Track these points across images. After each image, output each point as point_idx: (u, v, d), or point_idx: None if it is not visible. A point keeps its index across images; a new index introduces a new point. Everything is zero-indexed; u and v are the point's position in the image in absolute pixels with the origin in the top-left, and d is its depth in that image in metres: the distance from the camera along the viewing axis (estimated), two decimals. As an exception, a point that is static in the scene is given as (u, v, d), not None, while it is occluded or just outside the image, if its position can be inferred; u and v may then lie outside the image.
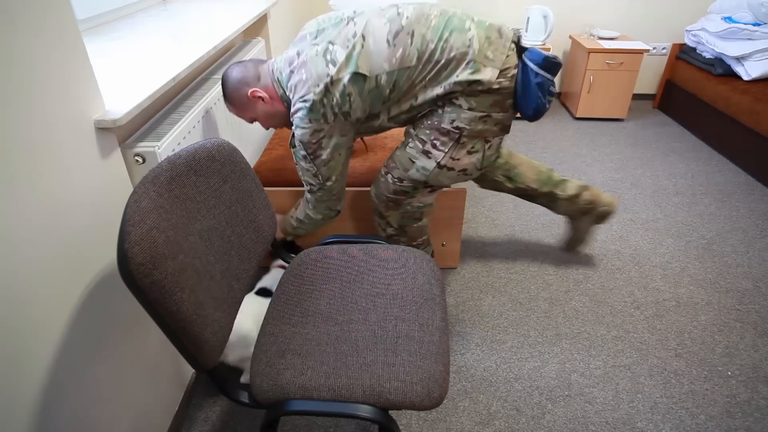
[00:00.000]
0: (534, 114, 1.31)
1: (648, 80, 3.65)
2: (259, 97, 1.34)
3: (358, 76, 1.21)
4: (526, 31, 3.10)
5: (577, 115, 3.31)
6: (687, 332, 1.64)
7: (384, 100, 1.28)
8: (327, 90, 1.21)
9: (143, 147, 1.12)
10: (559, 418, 1.36)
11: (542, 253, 2.02)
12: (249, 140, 1.93)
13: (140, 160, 1.12)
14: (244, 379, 1.39)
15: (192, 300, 0.79)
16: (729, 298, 1.78)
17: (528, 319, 1.69)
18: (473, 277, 1.89)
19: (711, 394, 1.43)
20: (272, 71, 1.34)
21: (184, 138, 1.29)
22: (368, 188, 1.70)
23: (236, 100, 1.38)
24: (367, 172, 1.76)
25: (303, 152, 1.31)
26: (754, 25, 2.78)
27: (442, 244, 1.84)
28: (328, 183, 1.37)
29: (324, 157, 1.31)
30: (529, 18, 3.06)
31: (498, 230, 2.16)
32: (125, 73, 1.20)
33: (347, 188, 1.70)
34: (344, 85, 1.21)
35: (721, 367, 1.52)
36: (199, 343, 0.80)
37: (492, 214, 2.28)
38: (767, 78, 2.73)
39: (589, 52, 3.06)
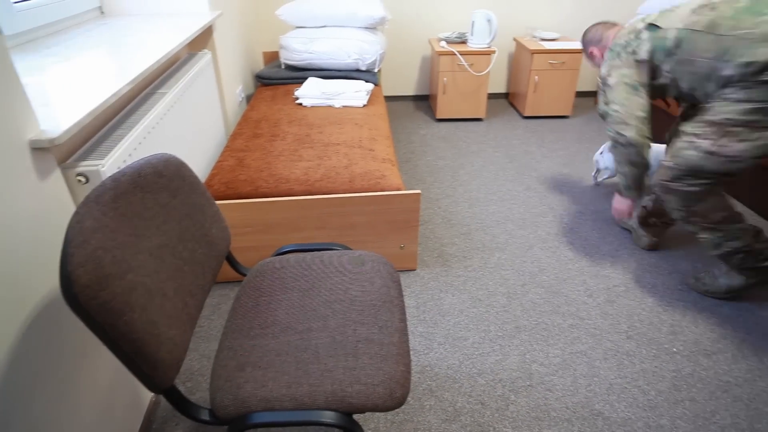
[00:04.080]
0: None
1: (589, 78, 3.83)
2: None
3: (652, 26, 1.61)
4: (472, 35, 3.18)
5: (525, 114, 3.43)
6: (636, 315, 1.73)
7: (667, 53, 1.59)
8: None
9: (86, 166, 1.09)
10: (522, 408, 1.40)
11: (498, 249, 2.08)
12: (200, 154, 1.90)
13: (83, 179, 1.09)
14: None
15: (144, 319, 0.77)
16: (672, 279, 1.89)
17: (488, 314, 1.74)
18: (432, 277, 1.92)
19: (659, 371, 1.51)
20: None
21: (130, 155, 1.26)
22: (326, 196, 1.70)
23: None
24: (321, 179, 1.77)
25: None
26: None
27: (401, 247, 1.86)
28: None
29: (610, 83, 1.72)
30: (474, 22, 3.15)
31: (454, 230, 2.21)
32: (63, 90, 1.16)
33: (302, 197, 1.70)
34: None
35: (668, 344, 1.61)
36: (153, 363, 0.78)
37: (447, 214, 2.33)
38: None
39: (533, 53, 3.18)
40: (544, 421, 1.36)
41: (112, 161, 1.15)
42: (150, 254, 0.89)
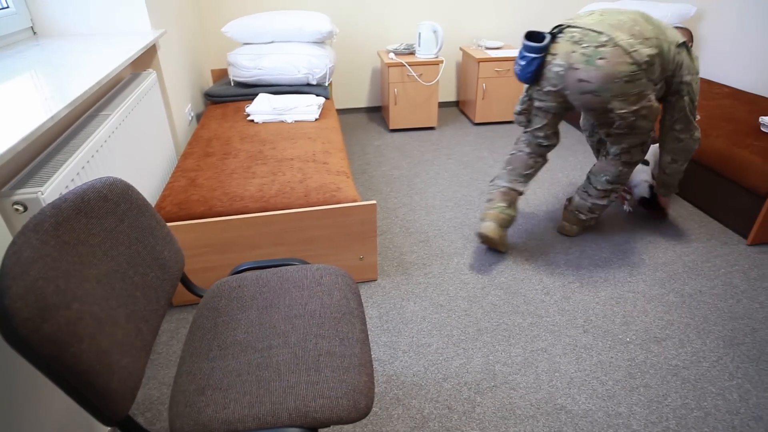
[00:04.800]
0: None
1: (534, 84, 3.98)
2: None
3: None
4: (419, 46, 3.25)
5: (476, 121, 3.53)
6: (591, 309, 1.80)
7: None
8: None
9: (23, 194, 1.04)
10: (488, 409, 1.43)
11: (456, 254, 2.12)
12: (149, 175, 1.84)
13: (21, 208, 1.04)
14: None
15: (93, 349, 0.74)
16: (622, 272, 1.98)
17: (450, 319, 1.76)
18: (393, 286, 1.93)
19: (615, 361, 1.57)
20: None
21: (73, 180, 1.22)
22: (282, 211, 1.69)
23: None
24: (276, 195, 1.76)
25: None
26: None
27: (360, 258, 1.87)
28: None
29: None
30: (420, 33, 3.22)
31: (413, 237, 2.24)
32: (-6, 116, 1.11)
33: (258, 214, 1.68)
34: None
35: (621, 335, 1.68)
36: (106, 394, 0.75)
37: (405, 223, 2.35)
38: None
39: (479, 62, 3.28)
40: (510, 420, 1.39)
41: (52, 188, 1.10)
42: (98, 281, 0.85)
